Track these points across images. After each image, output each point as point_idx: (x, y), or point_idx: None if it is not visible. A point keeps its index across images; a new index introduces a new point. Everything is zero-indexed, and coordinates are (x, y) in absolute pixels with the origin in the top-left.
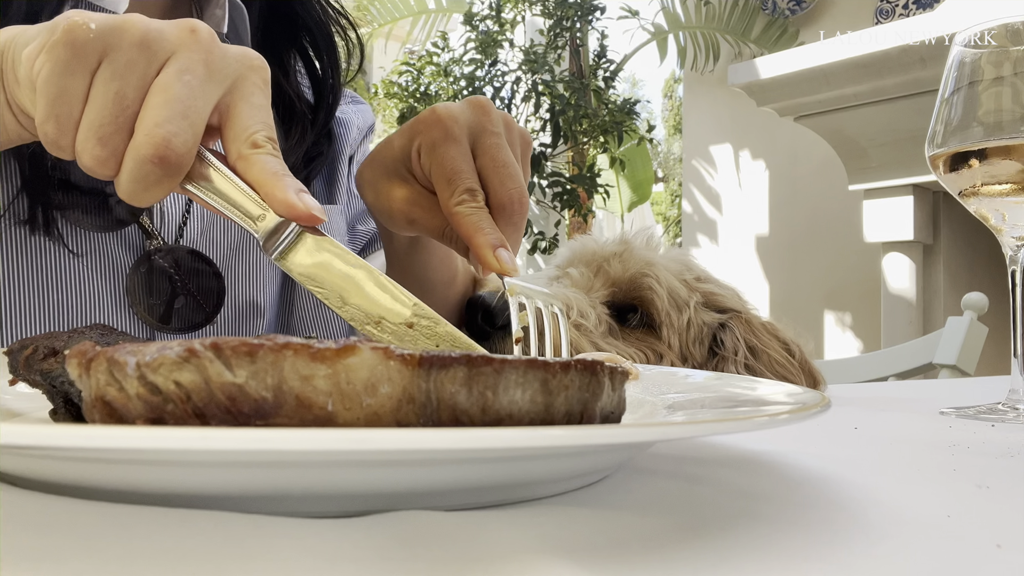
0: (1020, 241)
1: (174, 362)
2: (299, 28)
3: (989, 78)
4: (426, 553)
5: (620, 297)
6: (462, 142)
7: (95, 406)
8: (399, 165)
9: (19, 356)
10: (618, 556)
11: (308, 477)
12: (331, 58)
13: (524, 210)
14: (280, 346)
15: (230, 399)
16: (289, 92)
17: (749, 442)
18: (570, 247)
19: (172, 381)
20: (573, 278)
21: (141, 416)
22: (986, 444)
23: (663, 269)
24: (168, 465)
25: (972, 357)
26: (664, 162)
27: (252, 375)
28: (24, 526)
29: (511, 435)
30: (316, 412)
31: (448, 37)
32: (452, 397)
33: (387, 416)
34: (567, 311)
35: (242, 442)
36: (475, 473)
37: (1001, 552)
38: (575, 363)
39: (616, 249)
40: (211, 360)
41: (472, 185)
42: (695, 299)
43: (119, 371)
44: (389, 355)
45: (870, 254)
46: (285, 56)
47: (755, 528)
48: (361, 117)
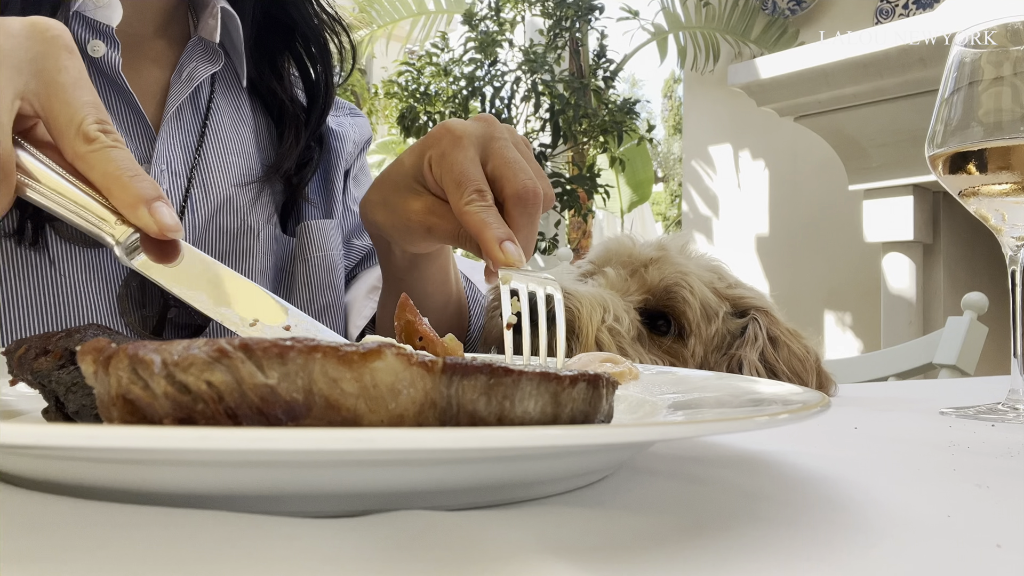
0: (1020, 241)
1: (205, 362)
2: (293, 33)
3: (989, 78)
4: (426, 553)
5: (653, 304)
6: (470, 149)
7: (115, 404)
8: (411, 180)
9: (13, 356)
10: (618, 556)
11: (308, 477)
12: (324, 62)
13: (538, 200)
14: (309, 348)
15: (262, 400)
16: (283, 97)
17: (749, 442)
18: (605, 245)
19: (204, 381)
20: (609, 278)
21: (168, 415)
22: (986, 444)
23: (697, 280)
24: (168, 465)
25: (972, 357)
26: (664, 162)
27: (283, 376)
28: (24, 526)
29: (512, 435)
30: (344, 415)
31: (448, 37)
32: (472, 404)
33: (410, 420)
34: (603, 312)
35: (242, 442)
36: (475, 473)
37: (1001, 552)
38: (581, 376)
39: (653, 255)
40: (243, 361)
41: (480, 186)
42: (724, 309)
43: (144, 369)
44: (412, 361)
45: (870, 254)
46: (279, 60)
47: (755, 528)
48: (358, 131)
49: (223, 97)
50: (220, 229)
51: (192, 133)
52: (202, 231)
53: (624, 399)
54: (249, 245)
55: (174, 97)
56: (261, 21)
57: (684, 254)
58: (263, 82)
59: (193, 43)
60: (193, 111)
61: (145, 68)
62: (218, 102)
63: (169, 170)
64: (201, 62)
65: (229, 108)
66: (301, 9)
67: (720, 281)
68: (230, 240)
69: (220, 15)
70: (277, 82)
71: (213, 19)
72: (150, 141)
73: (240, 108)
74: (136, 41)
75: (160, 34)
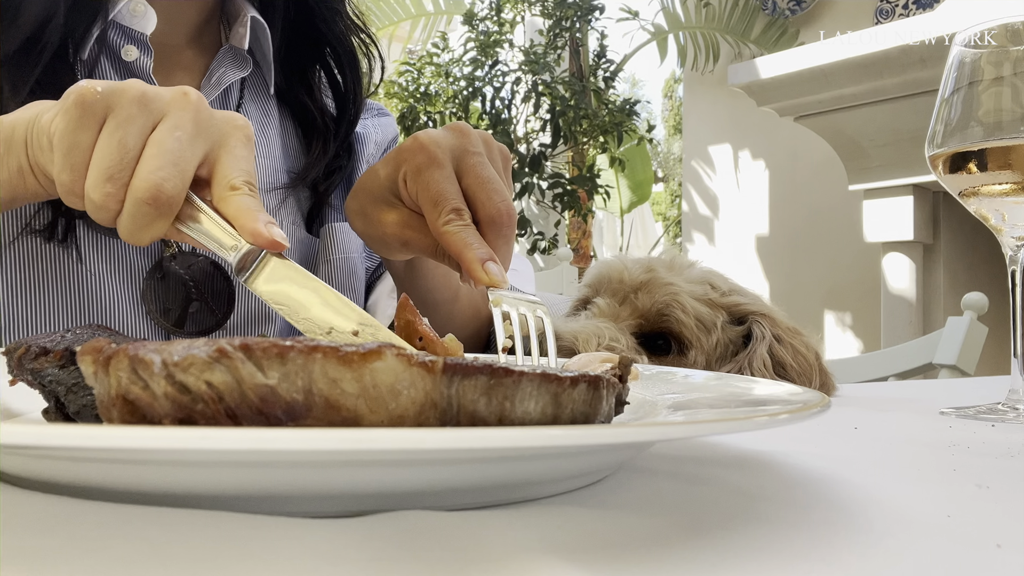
0: (1020, 241)
1: (205, 362)
2: (322, 44)
3: (989, 78)
4: (426, 553)
5: (647, 328)
6: (445, 165)
7: (114, 404)
8: (386, 193)
9: (13, 356)
10: (618, 556)
11: (308, 477)
12: (353, 73)
13: (512, 222)
14: (309, 348)
15: (262, 400)
16: (312, 108)
17: (749, 442)
18: (596, 271)
19: (203, 381)
20: (600, 308)
21: (168, 416)
22: (986, 444)
23: (687, 296)
24: (168, 465)
25: (972, 357)
26: (664, 162)
27: (283, 377)
28: (24, 526)
29: (512, 435)
30: (344, 415)
31: (448, 37)
32: (472, 404)
33: (410, 420)
34: (598, 343)
35: (242, 442)
36: (476, 473)
37: (1001, 552)
38: (582, 378)
39: (642, 278)
40: (242, 361)
41: (458, 205)
42: (720, 319)
43: (144, 369)
44: (412, 361)
45: (870, 254)
46: (309, 72)
47: (755, 528)
48: (381, 132)
49: (252, 103)
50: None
51: None
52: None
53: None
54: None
55: None
56: (291, 33)
57: (674, 270)
58: (292, 92)
59: (224, 51)
60: None
61: (177, 75)
62: (247, 107)
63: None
64: (230, 68)
65: (257, 113)
66: (331, 24)
67: (714, 291)
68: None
69: (250, 24)
70: (307, 93)
71: (243, 27)
72: None
73: (268, 114)
74: (169, 51)
75: (192, 44)
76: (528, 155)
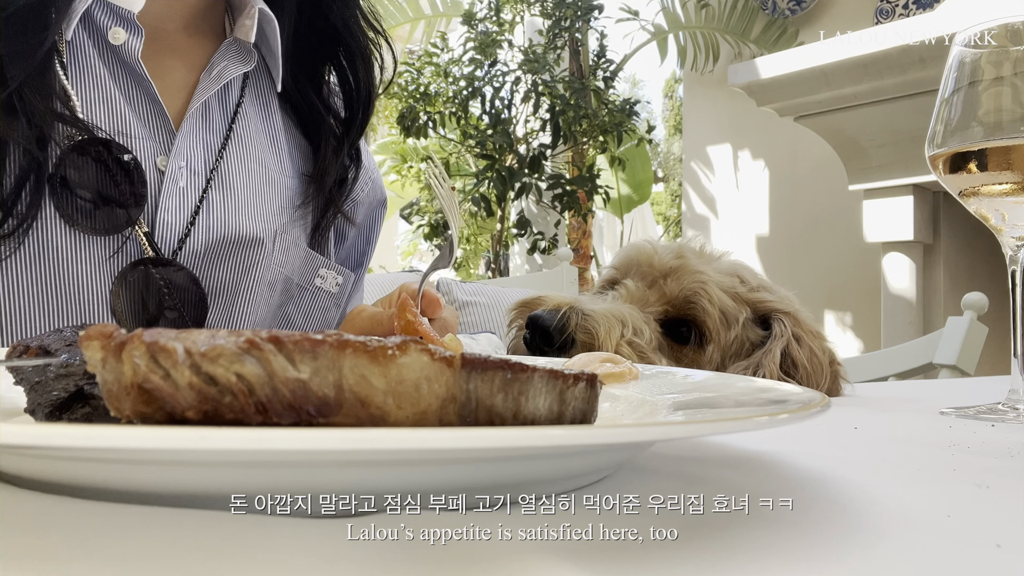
0: (1020, 241)
1: (234, 353)
2: (336, 42)
3: (989, 78)
4: (426, 553)
5: (673, 314)
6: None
7: (128, 393)
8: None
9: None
10: (618, 556)
11: (308, 477)
12: (367, 73)
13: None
14: (340, 343)
15: (294, 395)
16: (319, 107)
17: (749, 442)
18: (627, 253)
19: (233, 373)
20: (629, 290)
21: (192, 407)
22: (986, 444)
23: (715, 287)
24: (168, 465)
25: (972, 357)
26: (664, 162)
27: (315, 372)
28: (24, 526)
29: (513, 435)
30: (372, 412)
31: (447, 37)
32: (490, 399)
33: (432, 415)
34: (621, 328)
35: (242, 442)
36: (476, 473)
37: (1001, 552)
38: (581, 376)
39: (672, 264)
40: (274, 353)
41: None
42: (744, 315)
43: (166, 358)
44: (434, 356)
45: (870, 254)
46: (320, 70)
47: (755, 528)
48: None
49: (252, 104)
50: (231, 250)
51: (218, 134)
52: (216, 236)
53: (624, 399)
54: (265, 249)
55: (200, 93)
56: (304, 28)
57: (704, 259)
58: (298, 90)
59: (228, 43)
60: (222, 114)
61: (172, 64)
62: (246, 107)
63: (188, 168)
64: (233, 62)
65: (257, 115)
66: (348, 21)
67: (742, 284)
68: (241, 262)
69: (257, 16)
70: (315, 92)
71: (249, 20)
72: (169, 135)
73: (270, 115)
74: (163, 35)
75: (191, 32)
76: (528, 155)
